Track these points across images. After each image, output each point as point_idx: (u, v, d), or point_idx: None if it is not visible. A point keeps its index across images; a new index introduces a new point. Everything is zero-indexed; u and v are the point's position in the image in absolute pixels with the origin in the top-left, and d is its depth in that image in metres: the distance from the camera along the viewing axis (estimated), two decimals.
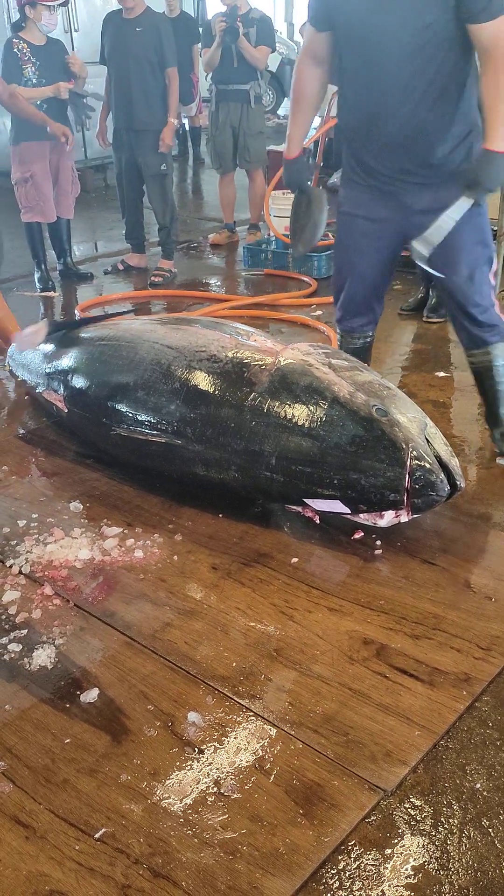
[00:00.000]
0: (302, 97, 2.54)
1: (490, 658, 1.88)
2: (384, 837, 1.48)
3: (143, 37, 4.82)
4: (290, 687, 1.81)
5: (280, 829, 1.48)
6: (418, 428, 2.24)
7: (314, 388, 2.30)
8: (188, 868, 1.42)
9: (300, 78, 2.51)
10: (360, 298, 2.67)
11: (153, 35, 4.83)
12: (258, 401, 2.33)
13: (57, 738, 1.70)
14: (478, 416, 3.21)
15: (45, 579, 2.21)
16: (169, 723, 1.72)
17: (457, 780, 1.60)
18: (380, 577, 2.18)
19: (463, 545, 2.32)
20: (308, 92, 2.54)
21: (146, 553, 2.32)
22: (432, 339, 4.04)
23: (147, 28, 4.82)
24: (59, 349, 3.00)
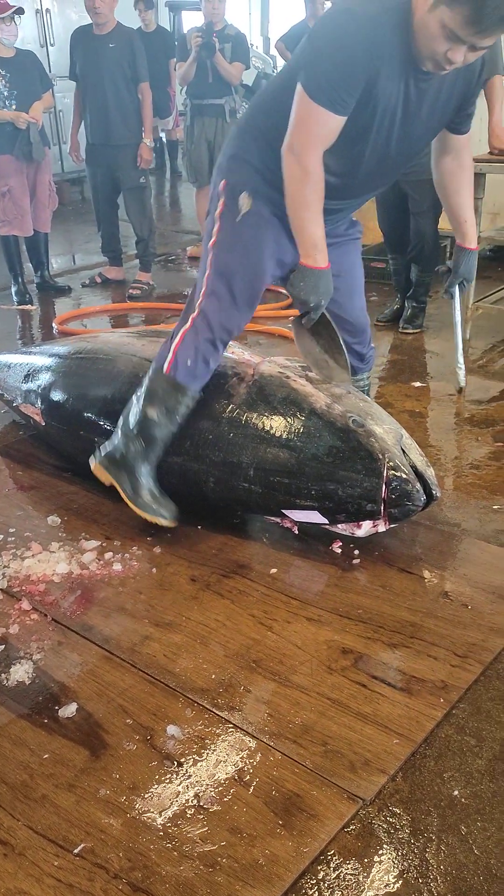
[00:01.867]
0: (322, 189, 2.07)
1: (467, 665, 1.90)
2: (363, 847, 1.49)
3: (116, 52, 4.85)
4: (269, 698, 1.81)
5: (259, 840, 1.49)
6: (394, 438, 2.27)
7: (291, 399, 2.31)
8: (168, 882, 1.41)
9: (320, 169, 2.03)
10: None
11: (127, 50, 4.86)
12: (236, 413, 2.35)
13: (35, 753, 1.69)
14: (454, 425, 3.25)
15: (22, 594, 2.20)
16: (148, 736, 1.72)
17: (435, 787, 1.61)
18: (358, 586, 2.20)
19: (439, 554, 2.34)
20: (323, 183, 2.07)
21: (125, 566, 2.31)
22: (408, 349, 4.08)
23: (120, 44, 4.85)
24: (36, 362, 2.99)
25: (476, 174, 3.83)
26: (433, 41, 1.88)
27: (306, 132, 1.99)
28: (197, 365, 2.28)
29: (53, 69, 8.15)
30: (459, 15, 1.80)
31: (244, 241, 2.21)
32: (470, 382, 3.72)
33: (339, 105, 1.95)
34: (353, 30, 1.90)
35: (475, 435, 3.13)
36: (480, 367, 3.88)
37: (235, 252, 2.22)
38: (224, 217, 2.21)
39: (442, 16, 1.83)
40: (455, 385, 2.54)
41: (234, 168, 2.21)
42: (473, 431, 3.16)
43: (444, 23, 1.83)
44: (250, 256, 2.22)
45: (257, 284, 2.26)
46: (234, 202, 2.19)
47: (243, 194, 2.18)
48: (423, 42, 1.91)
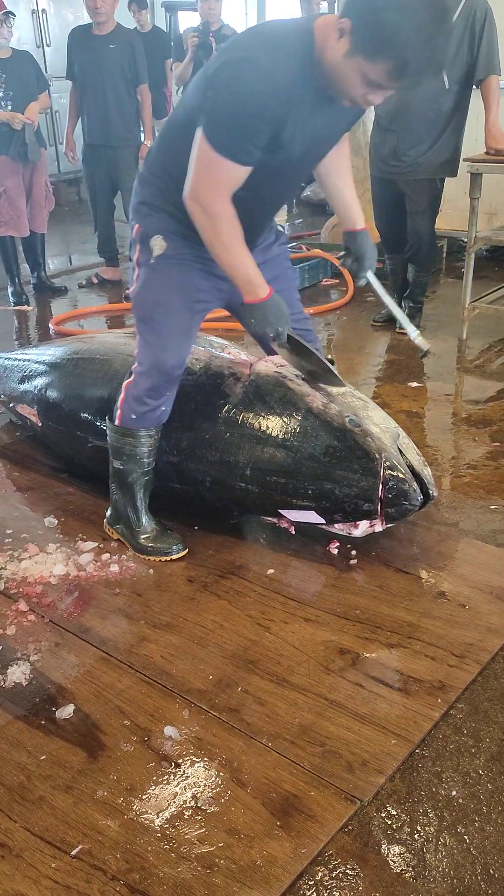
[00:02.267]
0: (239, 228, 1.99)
1: (464, 665, 1.90)
2: (361, 847, 1.49)
3: (116, 53, 4.85)
4: (266, 699, 1.81)
5: (257, 841, 1.48)
6: (391, 438, 2.27)
7: (288, 399, 2.31)
8: (165, 883, 1.41)
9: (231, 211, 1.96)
10: None
11: (127, 51, 4.86)
12: (232, 412, 2.34)
13: (32, 755, 1.69)
14: (451, 425, 3.25)
15: (19, 595, 2.20)
16: (145, 737, 1.72)
17: (432, 788, 1.61)
18: (355, 586, 2.20)
19: (437, 554, 2.34)
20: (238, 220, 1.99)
21: (122, 567, 2.31)
22: (405, 349, 4.09)
23: (120, 45, 4.85)
24: (33, 363, 2.99)
25: (473, 174, 3.86)
26: (350, 86, 1.81)
27: (211, 182, 1.91)
28: (144, 416, 2.28)
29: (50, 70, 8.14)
30: (381, 68, 1.73)
31: (161, 283, 2.17)
32: (466, 382, 3.73)
33: (245, 156, 1.87)
34: (256, 81, 1.79)
35: (472, 435, 3.13)
36: (477, 367, 3.88)
37: (153, 296, 2.19)
38: (141, 263, 2.19)
39: (360, 66, 1.75)
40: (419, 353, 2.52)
41: (144, 212, 2.17)
42: (470, 431, 3.16)
43: (364, 73, 1.76)
44: (169, 297, 2.18)
45: (182, 322, 2.21)
46: (146, 246, 2.16)
47: (155, 237, 2.14)
48: (338, 85, 1.83)
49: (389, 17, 1.67)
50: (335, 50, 1.78)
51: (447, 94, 3.78)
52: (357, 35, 1.73)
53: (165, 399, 2.28)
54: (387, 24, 1.68)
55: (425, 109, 3.80)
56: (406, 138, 3.88)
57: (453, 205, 4.99)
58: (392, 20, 1.67)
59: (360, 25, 1.72)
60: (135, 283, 2.23)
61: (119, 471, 2.37)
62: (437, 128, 3.85)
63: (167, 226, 2.14)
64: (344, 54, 1.77)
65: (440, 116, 3.82)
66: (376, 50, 1.71)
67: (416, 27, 1.67)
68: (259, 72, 1.79)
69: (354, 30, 1.73)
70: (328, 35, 1.79)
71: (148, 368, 2.23)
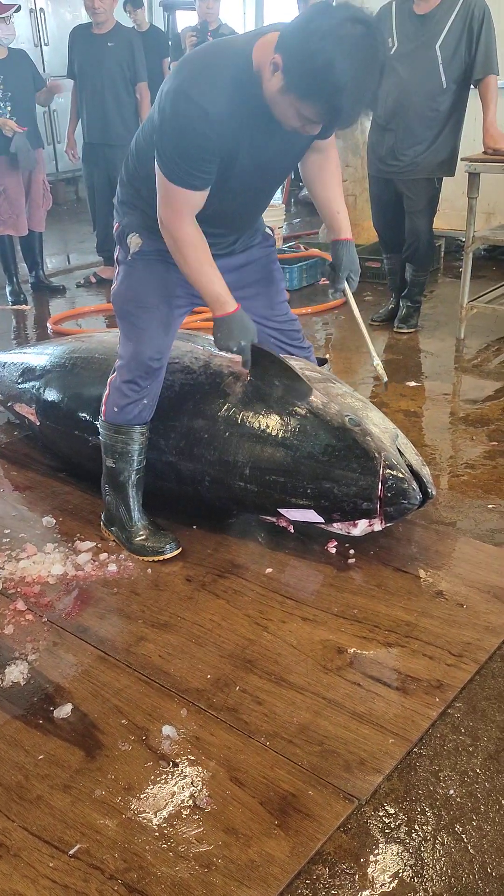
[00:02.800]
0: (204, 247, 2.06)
1: (462, 664, 1.90)
2: (359, 846, 1.49)
3: (115, 52, 4.85)
4: (264, 698, 1.81)
5: (255, 840, 1.48)
6: (390, 439, 2.27)
7: (287, 398, 2.31)
8: (163, 882, 1.41)
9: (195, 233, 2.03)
10: None
11: (126, 50, 4.86)
12: (232, 411, 2.34)
13: (30, 754, 1.69)
14: (449, 424, 3.25)
15: (17, 595, 2.20)
16: (143, 737, 1.72)
17: (430, 787, 1.61)
18: (353, 585, 2.20)
19: (435, 553, 2.34)
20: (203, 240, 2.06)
21: (119, 567, 2.31)
22: (403, 349, 4.09)
23: (119, 43, 4.85)
24: (31, 362, 2.99)
25: (470, 174, 3.86)
26: (287, 118, 1.83)
27: (172, 209, 1.99)
28: (125, 408, 2.30)
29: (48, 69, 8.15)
30: (313, 108, 1.75)
31: (138, 279, 2.22)
32: (464, 382, 3.73)
33: (196, 181, 1.93)
34: (190, 115, 1.82)
35: (470, 434, 3.14)
36: (475, 366, 3.88)
37: (130, 291, 2.24)
38: (120, 260, 2.27)
39: (293, 103, 1.76)
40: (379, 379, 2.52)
41: (123, 211, 2.25)
42: (468, 431, 3.17)
43: (297, 109, 1.77)
44: (145, 292, 2.22)
45: (158, 315, 2.24)
46: (124, 244, 2.23)
47: (132, 235, 2.20)
48: (277, 113, 1.85)
49: (320, 61, 1.64)
50: (270, 83, 1.79)
51: (445, 93, 3.78)
52: (289, 75, 1.72)
53: (146, 392, 2.30)
54: (317, 70, 1.65)
55: (423, 109, 3.81)
56: (404, 138, 3.88)
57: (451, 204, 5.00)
58: (323, 64, 1.64)
59: (291, 66, 1.70)
60: (115, 279, 2.30)
61: (111, 469, 2.38)
62: (435, 127, 3.85)
63: (143, 223, 2.19)
64: (278, 89, 1.77)
65: (438, 116, 3.83)
66: (307, 92, 1.71)
67: (347, 71, 1.65)
68: (191, 105, 1.81)
69: (287, 68, 1.71)
70: (264, 65, 1.79)
71: (127, 361, 2.27)
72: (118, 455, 2.35)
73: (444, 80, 3.75)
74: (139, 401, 2.30)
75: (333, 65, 1.64)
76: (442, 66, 3.73)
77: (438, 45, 3.70)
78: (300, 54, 1.68)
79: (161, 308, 2.24)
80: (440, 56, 3.71)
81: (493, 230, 4.37)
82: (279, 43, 1.76)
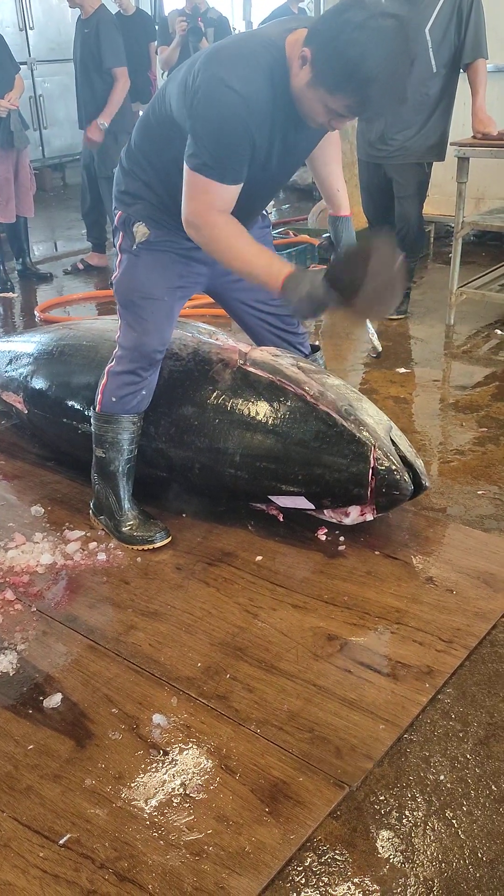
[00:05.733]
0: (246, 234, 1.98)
1: (452, 650, 1.90)
2: (350, 832, 1.49)
3: (88, 38, 4.81)
4: (254, 685, 1.81)
5: (246, 828, 1.48)
6: (384, 430, 2.28)
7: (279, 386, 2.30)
8: (154, 871, 1.41)
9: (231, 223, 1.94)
10: None
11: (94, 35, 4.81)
12: (222, 399, 2.32)
13: (20, 744, 1.68)
14: (439, 411, 3.25)
15: (6, 585, 2.18)
16: (134, 725, 1.71)
17: (421, 772, 1.61)
18: (343, 572, 2.20)
19: (424, 539, 2.34)
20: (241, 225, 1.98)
21: (109, 556, 2.30)
22: (393, 335, 4.08)
23: (92, 28, 4.81)
24: (18, 350, 2.96)
25: (460, 159, 3.84)
26: (314, 113, 1.83)
27: (204, 206, 1.91)
28: (123, 399, 2.28)
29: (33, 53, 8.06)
30: (342, 102, 1.75)
31: (143, 269, 2.18)
32: (454, 368, 3.72)
33: (232, 175, 1.88)
34: (231, 105, 1.78)
35: (460, 420, 3.13)
36: (465, 352, 3.88)
37: (136, 281, 2.19)
38: (123, 249, 2.21)
39: (322, 97, 1.77)
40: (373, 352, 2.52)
41: (127, 201, 2.17)
42: (458, 417, 3.16)
43: (325, 103, 1.77)
44: (151, 283, 2.18)
45: (163, 306, 2.22)
46: (129, 233, 2.16)
47: (137, 224, 2.14)
48: (304, 109, 1.85)
49: (351, 54, 1.65)
50: (299, 77, 1.79)
51: (435, 77, 3.76)
52: (318, 67, 1.72)
53: (146, 383, 2.28)
54: (349, 62, 1.66)
55: (413, 93, 3.78)
56: (394, 122, 3.85)
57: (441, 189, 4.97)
58: (354, 57, 1.65)
59: (321, 59, 1.71)
60: (117, 268, 2.25)
61: (101, 459, 2.36)
62: (424, 112, 3.82)
63: (149, 213, 2.15)
64: (307, 83, 1.77)
65: (428, 100, 3.80)
66: (337, 85, 1.71)
67: (377, 65, 1.65)
68: (233, 95, 1.78)
69: (316, 62, 1.72)
70: (294, 57, 1.79)
71: (129, 351, 2.24)
72: (108, 444, 2.33)
73: (433, 63, 3.72)
74: (138, 392, 2.28)
75: (365, 56, 1.65)
76: (432, 50, 3.70)
77: (428, 28, 3.67)
78: (331, 47, 1.68)
79: (165, 299, 2.21)
80: (430, 40, 3.68)
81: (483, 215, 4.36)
82: (308, 37, 1.75)
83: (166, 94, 2.01)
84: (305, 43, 1.75)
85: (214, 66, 1.81)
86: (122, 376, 2.27)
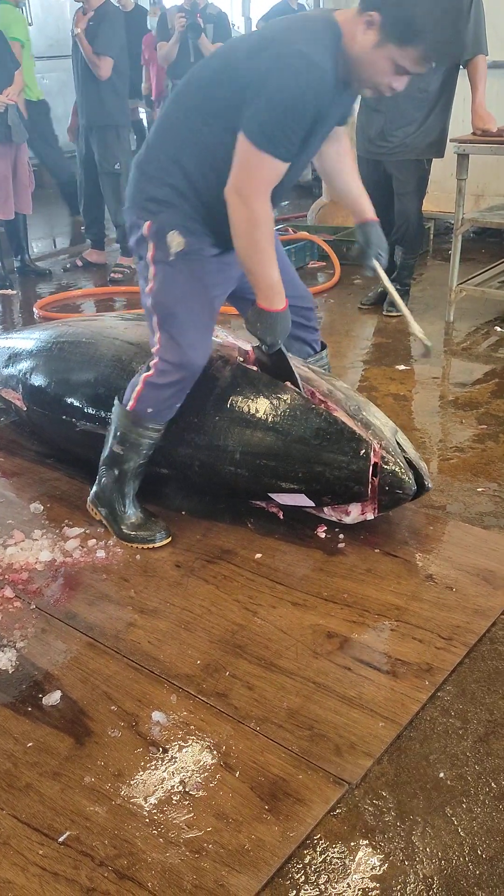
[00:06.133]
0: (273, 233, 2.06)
1: (451, 648, 1.90)
2: (350, 830, 1.49)
3: (90, 31, 4.79)
4: (254, 683, 1.81)
5: (246, 825, 1.48)
6: (391, 432, 2.28)
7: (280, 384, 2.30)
8: (153, 868, 1.41)
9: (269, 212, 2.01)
10: None
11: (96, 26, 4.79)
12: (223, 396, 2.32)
13: (19, 741, 1.68)
14: (438, 408, 3.25)
15: (5, 582, 2.18)
16: (133, 723, 1.71)
17: (420, 770, 1.61)
18: (343, 570, 2.19)
19: (424, 536, 2.34)
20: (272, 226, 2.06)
21: (108, 553, 2.30)
22: (392, 332, 4.07)
23: (95, 21, 4.79)
24: (17, 347, 2.95)
25: (460, 155, 3.84)
26: (379, 74, 1.95)
27: (256, 179, 1.95)
28: (161, 412, 2.25)
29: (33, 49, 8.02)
30: (411, 54, 1.89)
31: (183, 280, 2.15)
32: (454, 365, 3.72)
33: (286, 151, 1.94)
34: (308, 76, 1.86)
35: (459, 417, 3.13)
36: (464, 349, 3.87)
37: (177, 293, 2.16)
38: (157, 260, 2.14)
39: (390, 54, 1.90)
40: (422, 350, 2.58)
41: (154, 209, 2.12)
42: (458, 414, 3.16)
43: (395, 60, 1.90)
44: (193, 294, 2.17)
45: (205, 317, 2.22)
46: (163, 243, 2.12)
47: (172, 233, 2.11)
48: (367, 74, 1.96)
49: (417, 9, 1.86)
50: (363, 42, 1.91)
51: (434, 74, 3.74)
52: (387, 26, 1.88)
53: (185, 396, 2.26)
54: (416, 15, 1.86)
55: (412, 90, 3.76)
56: (393, 119, 3.85)
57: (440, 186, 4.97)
58: (420, 11, 1.86)
59: (390, 17, 1.87)
60: (151, 281, 2.17)
61: (117, 456, 2.32)
62: (424, 108, 3.81)
63: (179, 220, 2.11)
64: (373, 45, 1.91)
65: (427, 97, 3.79)
66: (406, 38, 1.87)
67: (440, 15, 1.87)
68: (312, 67, 1.88)
69: (384, 21, 1.88)
70: (354, 28, 1.92)
71: (175, 367, 2.19)
72: (129, 444, 2.28)
73: None
74: (176, 404, 2.26)
75: (429, 11, 1.86)
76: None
77: None
78: (397, 6, 1.87)
79: (206, 310, 2.20)
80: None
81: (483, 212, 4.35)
82: (369, 4, 1.90)
83: (192, 85, 2.05)
84: (367, 8, 1.90)
85: (280, 43, 1.92)
86: (165, 390, 2.21)
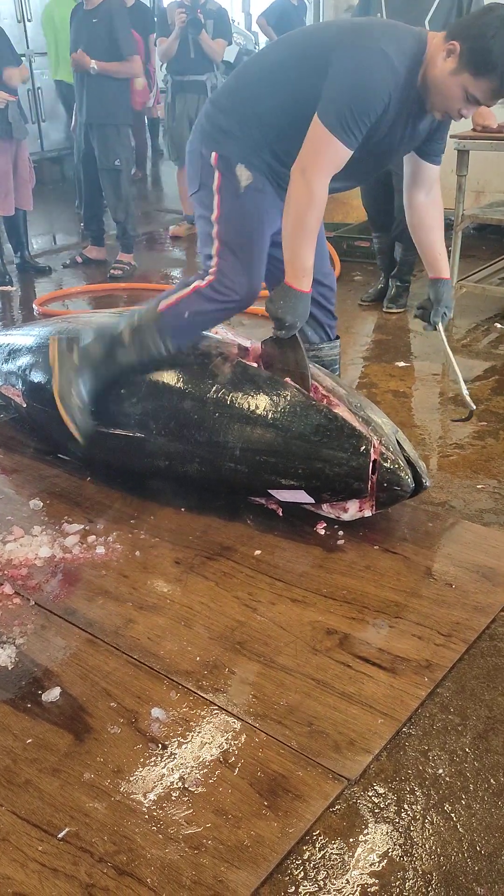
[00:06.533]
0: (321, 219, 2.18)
1: (451, 644, 1.90)
2: (348, 826, 1.49)
3: (97, 28, 4.76)
4: (253, 679, 1.81)
5: (245, 821, 1.48)
6: (391, 430, 2.28)
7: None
8: (153, 864, 1.41)
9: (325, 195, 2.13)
10: None
11: (107, 25, 4.76)
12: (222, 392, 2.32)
13: (19, 738, 1.68)
14: (438, 405, 3.24)
15: (4, 578, 2.18)
16: (132, 719, 1.71)
17: (419, 766, 1.61)
18: (342, 567, 2.19)
19: (423, 533, 2.34)
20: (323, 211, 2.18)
21: (108, 549, 2.30)
22: (392, 329, 4.07)
23: (101, 18, 4.76)
24: (17, 344, 2.95)
25: (460, 151, 3.83)
26: (451, 100, 2.07)
27: (321, 160, 2.08)
28: (185, 327, 2.33)
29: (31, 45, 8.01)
30: (485, 85, 2.00)
31: (249, 213, 2.28)
32: None
33: (354, 140, 2.06)
34: (380, 70, 2.01)
35: (459, 414, 3.13)
36: (464, 346, 3.87)
37: (244, 224, 2.28)
38: (224, 190, 2.26)
39: (465, 83, 2.01)
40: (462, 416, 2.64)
41: (220, 139, 2.24)
42: (458, 411, 3.16)
43: (467, 89, 2.01)
44: (257, 228, 2.29)
45: (265, 250, 2.33)
46: (231, 174, 2.24)
47: (239, 166, 2.24)
48: (439, 98, 2.08)
49: (497, 45, 1.97)
50: (442, 67, 2.03)
51: None
52: (466, 56, 2.00)
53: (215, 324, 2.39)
54: (493, 49, 1.97)
55: None
56: None
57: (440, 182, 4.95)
58: (498, 45, 1.97)
59: (469, 49, 1.99)
60: (216, 209, 2.28)
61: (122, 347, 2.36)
62: None
63: (243, 153, 2.24)
64: (451, 71, 2.02)
65: None
66: (481, 69, 1.98)
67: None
68: (385, 62, 2.01)
69: (463, 51, 2.00)
70: (437, 52, 2.04)
71: (232, 290, 2.29)
72: (139, 345, 2.35)
73: None
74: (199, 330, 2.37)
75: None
76: None
77: (427, 20, 3.65)
78: (479, 39, 1.98)
79: (265, 244, 2.32)
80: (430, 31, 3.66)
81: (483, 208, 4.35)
82: (454, 33, 2.03)
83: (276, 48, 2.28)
84: (451, 38, 2.02)
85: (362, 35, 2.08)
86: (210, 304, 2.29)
